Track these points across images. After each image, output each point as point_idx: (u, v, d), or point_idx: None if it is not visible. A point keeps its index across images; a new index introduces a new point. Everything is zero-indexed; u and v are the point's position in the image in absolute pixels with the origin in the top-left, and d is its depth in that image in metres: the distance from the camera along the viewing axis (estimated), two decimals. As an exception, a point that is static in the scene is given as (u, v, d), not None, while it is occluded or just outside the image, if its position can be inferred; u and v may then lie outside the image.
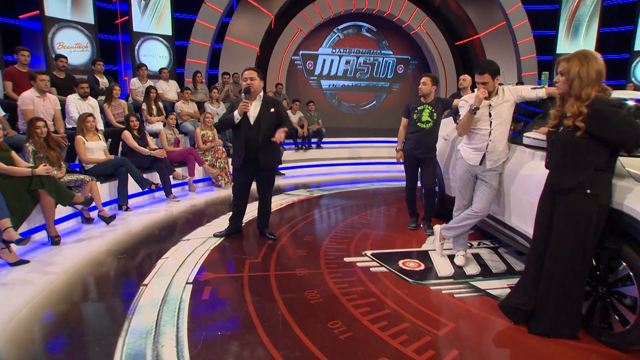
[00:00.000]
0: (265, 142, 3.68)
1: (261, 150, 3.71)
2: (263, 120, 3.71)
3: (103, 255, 3.64)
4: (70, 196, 4.01)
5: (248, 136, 3.69)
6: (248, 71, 3.71)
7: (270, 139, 3.63)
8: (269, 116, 3.74)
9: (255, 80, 3.66)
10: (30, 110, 4.87)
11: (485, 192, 3.29)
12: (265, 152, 3.74)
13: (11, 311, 2.67)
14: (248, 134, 3.70)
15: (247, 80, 3.66)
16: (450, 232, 3.51)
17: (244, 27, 10.33)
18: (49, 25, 7.41)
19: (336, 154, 9.23)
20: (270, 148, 3.76)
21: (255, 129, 3.70)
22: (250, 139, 3.70)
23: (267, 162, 3.80)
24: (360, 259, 3.59)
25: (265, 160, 3.76)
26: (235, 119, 3.66)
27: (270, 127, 3.71)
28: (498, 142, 3.23)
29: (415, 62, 12.90)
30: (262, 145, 3.69)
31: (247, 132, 3.70)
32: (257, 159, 3.74)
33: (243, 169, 3.83)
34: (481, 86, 3.15)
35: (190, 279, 3.15)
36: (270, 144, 3.70)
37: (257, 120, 3.71)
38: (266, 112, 3.72)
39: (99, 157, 5.04)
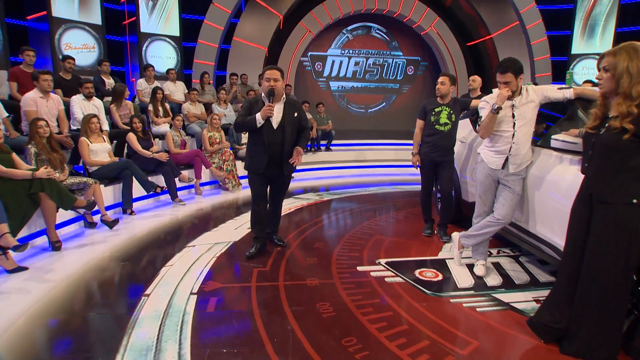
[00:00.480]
0: (289, 148, 3.46)
1: (285, 156, 3.46)
2: (287, 125, 3.44)
3: (105, 262, 3.49)
4: (72, 200, 3.88)
5: (271, 142, 3.40)
6: (271, 71, 3.36)
7: (292, 145, 3.48)
8: (293, 121, 3.48)
9: (279, 81, 3.36)
10: (33, 111, 4.76)
11: (508, 198, 3.09)
12: (288, 159, 3.49)
13: (6, 321, 2.52)
14: (271, 139, 3.41)
15: (271, 81, 3.33)
16: (470, 240, 3.30)
17: (252, 27, 10.20)
18: (56, 26, 7.33)
19: (346, 157, 9.05)
20: (291, 152, 3.53)
21: (279, 134, 3.42)
22: (273, 145, 3.41)
23: (289, 169, 3.57)
24: (374, 267, 3.40)
25: (287, 167, 3.52)
26: (257, 122, 3.35)
27: (293, 132, 3.50)
28: (522, 144, 3.03)
29: (426, 64, 12.68)
30: (287, 151, 3.45)
31: (269, 137, 3.40)
32: (278, 165, 3.49)
33: (263, 175, 3.54)
34: (503, 86, 2.95)
35: (195, 289, 2.98)
36: (292, 149, 3.50)
37: (281, 125, 3.43)
38: (290, 116, 3.45)
39: (104, 159, 4.91)
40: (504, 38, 10.99)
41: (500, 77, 2.97)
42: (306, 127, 3.62)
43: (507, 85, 2.94)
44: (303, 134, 3.60)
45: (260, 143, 3.42)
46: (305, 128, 3.60)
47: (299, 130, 3.57)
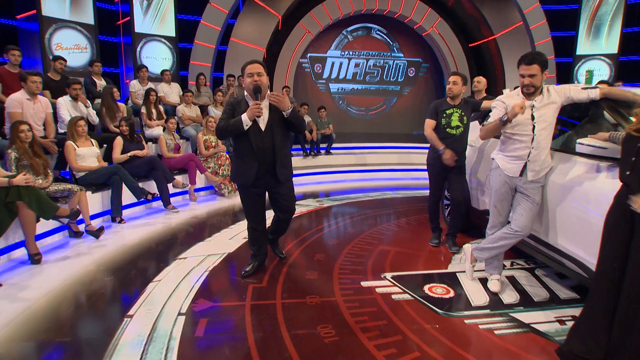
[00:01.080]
0: (281, 150, 3.05)
1: (278, 161, 3.03)
2: (276, 124, 3.01)
3: (87, 278, 3.22)
4: (53, 209, 3.60)
5: (259, 147, 2.98)
6: (252, 65, 2.94)
7: (284, 147, 3.09)
8: (283, 119, 3.04)
9: (263, 75, 2.93)
10: (18, 113, 4.49)
11: (527, 207, 2.82)
12: (282, 163, 3.07)
13: (-31, 350, 2.25)
14: (259, 143, 2.98)
15: (254, 76, 2.91)
16: (484, 254, 3.04)
17: (250, 28, 9.96)
18: (46, 26, 7.07)
19: (346, 160, 8.78)
20: (286, 155, 3.15)
21: (268, 136, 2.99)
22: (262, 150, 2.98)
23: (285, 175, 3.12)
24: (379, 283, 3.13)
25: (282, 172, 3.07)
26: (244, 124, 2.90)
27: (283, 131, 3.07)
28: (542, 149, 2.77)
29: (427, 65, 12.44)
30: (279, 155, 3.03)
31: (257, 141, 2.97)
32: (272, 173, 3.06)
33: (255, 186, 3.10)
34: (527, 79, 2.68)
35: (184, 309, 2.71)
36: (285, 152, 3.12)
37: (269, 126, 3.01)
38: (277, 113, 3.02)
39: (91, 164, 4.64)
40: (508, 39, 10.76)
41: (524, 68, 2.70)
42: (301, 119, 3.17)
43: (532, 80, 2.68)
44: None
45: (247, 149, 2.99)
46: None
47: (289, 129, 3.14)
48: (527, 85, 2.72)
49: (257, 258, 3.33)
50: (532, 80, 2.70)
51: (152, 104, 6.40)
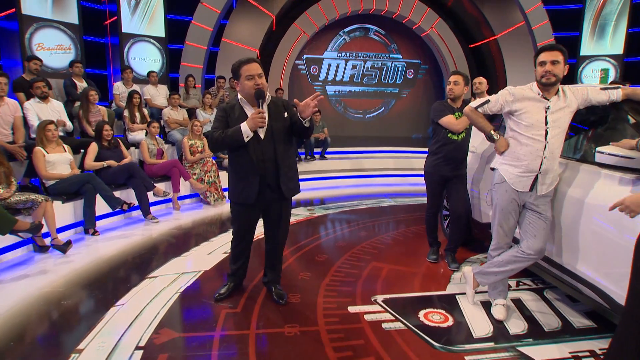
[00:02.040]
0: (285, 161, 2.62)
1: (282, 173, 2.61)
2: (277, 131, 2.58)
3: (39, 302, 2.87)
4: (10, 222, 3.27)
5: (260, 158, 2.55)
6: (252, 65, 2.50)
7: (288, 156, 2.64)
8: (284, 124, 2.62)
9: (263, 77, 2.54)
10: (-19, 117, 4.17)
11: (540, 227, 2.47)
12: (287, 175, 2.64)
13: None
14: (259, 155, 2.55)
15: (255, 78, 2.47)
16: (489, 278, 2.68)
17: (242, 28, 9.64)
18: (26, 25, 6.74)
19: (341, 165, 8.44)
20: (291, 166, 2.68)
21: (269, 146, 2.57)
22: (263, 162, 2.56)
23: (291, 189, 2.68)
24: (368, 308, 2.78)
25: (287, 186, 2.64)
26: (244, 136, 2.48)
27: (286, 139, 2.63)
28: (554, 159, 2.44)
29: (427, 67, 12.12)
30: (282, 167, 2.60)
31: (257, 152, 2.55)
32: (274, 187, 2.63)
33: (256, 205, 2.68)
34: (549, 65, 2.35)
35: (144, 341, 2.36)
36: (289, 162, 2.66)
37: (269, 133, 2.57)
38: (278, 120, 2.60)
39: (63, 171, 4.31)
40: (509, 39, 10.43)
41: (546, 54, 2.37)
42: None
43: (554, 67, 2.34)
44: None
45: (245, 163, 2.57)
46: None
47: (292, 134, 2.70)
48: (548, 73, 2.36)
49: (234, 278, 2.98)
50: (554, 68, 2.35)
51: (135, 106, 6.07)
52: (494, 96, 2.65)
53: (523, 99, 2.49)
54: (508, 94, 2.55)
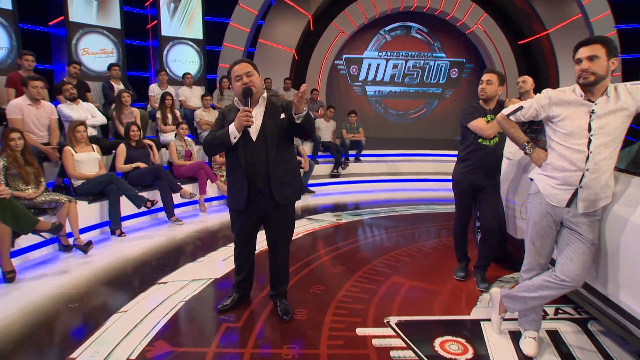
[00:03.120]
0: (279, 165, 2.47)
1: (274, 178, 2.45)
2: (271, 132, 2.44)
3: (49, 304, 2.88)
4: (32, 223, 3.34)
5: (250, 161, 2.43)
6: (240, 65, 2.41)
7: (283, 161, 2.48)
8: (279, 125, 2.46)
9: (254, 75, 2.41)
10: (18, 119, 4.34)
11: (579, 250, 2.11)
12: (281, 181, 2.47)
13: None
14: (250, 157, 2.42)
15: (243, 77, 2.38)
16: (517, 304, 2.34)
17: (279, 28, 9.60)
18: (73, 31, 7.08)
19: (376, 169, 8.15)
20: (287, 171, 2.52)
21: (261, 147, 2.43)
22: (254, 165, 2.43)
23: (286, 196, 2.50)
24: (379, 331, 2.53)
25: (281, 192, 2.48)
26: (231, 137, 2.38)
27: (281, 141, 2.48)
28: (601, 173, 2.06)
29: (472, 66, 11.49)
30: (275, 171, 2.45)
31: (248, 155, 2.42)
32: (266, 193, 2.47)
33: (248, 211, 2.54)
34: (585, 61, 2.01)
35: (136, 353, 2.27)
36: (285, 167, 2.51)
37: (262, 134, 2.45)
38: (273, 121, 2.46)
39: (91, 170, 4.40)
40: (563, 34, 9.60)
41: (582, 50, 2.04)
42: None
43: (592, 64, 1.99)
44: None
45: (235, 166, 2.47)
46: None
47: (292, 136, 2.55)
48: (585, 72, 2.01)
49: (239, 290, 2.84)
50: (592, 65, 1.99)
51: (167, 108, 6.17)
52: (528, 101, 2.32)
53: (562, 103, 2.14)
54: (544, 98, 2.21)
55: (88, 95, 5.98)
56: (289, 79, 8.89)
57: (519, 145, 2.37)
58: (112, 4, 7.55)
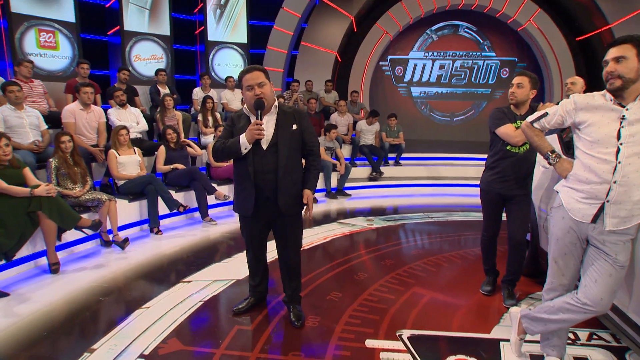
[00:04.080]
0: (287, 175, 2.47)
1: (282, 187, 2.47)
2: (282, 143, 2.45)
3: (83, 295, 3.10)
4: (74, 219, 3.61)
5: (258, 169, 2.44)
6: (251, 74, 2.38)
7: (292, 171, 2.49)
8: (290, 136, 2.48)
9: (266, 85, 2.40)
10: (71, 123, 4.72)
11: (605, 271, 1.93)
12: (288, 190, 2.49)
13: None
14: (258, 165, 2.44)
15: (254, 88, 2.37)
16: (537, 327, 2.18)
17: (321, 31, 9.64)
18: (127, 39, 7.59)
19: (416, 172, 7.92)
20: (295, 181, 2.53)
21: (270, 157, 2.44)
22: (262, 173, 2.44)
23: (290, 207, 2.52)
24: (389, 344, 2.46)
25: (286, 203, 2.49)
26: (242, 147, 2.41)
27: (292, 152, 2.49)
28: (632, 186, 1.86)
29: (524, 65, 10.84)
30: (283, 180, 2.46)
31: (257, 163, 2.44)
32: (273, 202, 2.50)
33: (255, 217, 2.58)
34: (612, 63, 1.84)
35: (149, 350, 2.38)
36: (293, 177, 2.52)
37: (273, 144, 2.45)
38: (285, 129, 2.47)
39: (132, 172, 4.68)
40: (628, 28, 8.74)
41: (610, 51, 1.87)
42: (312, 148, 2.57)
43: (618, 66, 1.82)
44: (310, 164, 2.58)
45: (244, 173, 2.48)
46: (311, 151, 2.57)
47: (303, 152, 2.58)
48: (611, 75, 1.84)
49: (255, 294, 2.89)
50: (619, 67, 1.82)
51: (208, 111, 6.41)
52: (554, 107, 2.15)
53: (590, 108, 1.96)
54: (570, 103, 2.04)
55: (136, 99, 6.37)
56: (330, 81, 8.90)
57: (542, 155, 2.20)
58: (163, 12, 7.99)
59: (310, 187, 2.55)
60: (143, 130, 5.57)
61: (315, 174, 2.59)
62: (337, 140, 7.20)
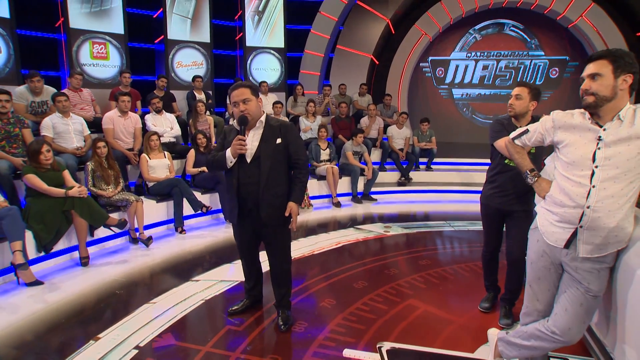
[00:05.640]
0: (269, 189, 2.59)
1: (262, 200, 2.58)
2: (264, 156, 2.57)
3: (103, 288, 3.45)
4: (103, 218, 4.00)
5: (242, 182, 2.59)
6: (238, 90, 2.53)
7: (275, 184, 2.60)
8: (274, 150, 2.59)
9: (251, 101, 2.53)
10: (110, 129, 5.18)
11: (575, 300, 1.86)
12: (270, 203, 2.60)
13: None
14: (243, 178, 2.59)
15: (239, 104, 2.52)
16: (512, 351, 2.14)
17: (357, 34, 9.66)
18: (170, 47, 8.11)
19: (447, 178, 7.73)
20: (278, 194, 2.62)
21: (253, 170, 2.58)
22: (245, 185, 2.59)
23: (272, 217, 2.63)
24: (366, 355, 2.51)
25: (269, 214, 2.61)
26: (227, 161, 2.59)
27: (275, 165, 2.60)
28: (607, 213, 1.77)
29: (576, 64, 10.14)
30: (264, 194, 2.58)
31: (241, 175, 2.59)
32: (256, 213, 2.63)
33: (242, 224, 2.75)
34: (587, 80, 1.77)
35: (145, 342, 2.63)
36: (276, 190, 2.62)
37: (256, 158, 2.59)
38: (269, 143, 2.59)
39: (161, 175, 5.05)
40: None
41: (589, 67, 1.79)
42: (298, 161, 2.66)
43: (593, 83, 1.74)
44: (296, 177, 2.67)
45: (229, 184, 2.66)
46: (296, 164, 2.66)
47: (289, 164, 2.70)
48: (585, 93, 1.77)
49: (249, 297, 3.06)
50: (593, 85, 1.74)
51: (239, 116, 6.69)
52: (535, 124, 2.10)
53: (567, 127, 1.89)
54: (549, 120, 1.98)
55: (174, 105, 6.81)
56: (365, 85, 8.91)
57: (522, 173, 2.15)
58: (204, 20, 8.43)
59: (294, 199, 2.65)
60: (176, 135, 5.95)
61: (301, 187, 2.69)
62: (366, 145, 7.22)
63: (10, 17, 6.00)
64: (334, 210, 6.26)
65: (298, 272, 3.76)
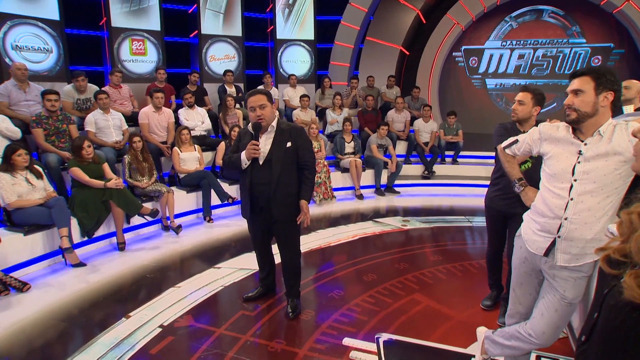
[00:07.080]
0: (279, 189, 2.82)
1: (273, 200, 2.82)
2: (275, 159, 2.80)
3: (135, 271, 3.85)
4: (137, 207, 4.40)
5: (255, 182, 2.83)
6: (254, 97, 2.75)
7: (285, 185, 2.83)
8: (284, 153, 2.82)
9: (267, 107, 2.76)
10: (145, 124, 5.59)
11: (552, 306, 1.96)
12: (281, 202, 2.83)
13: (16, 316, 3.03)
14: (255, 179, 2.83)
15: (256, 109, 2.74)
16: (495, 350, 2.27)
17: (386, 25, 9.61)
18: (203, 42, 8.45)
19: (473, 172, 7.64)
20: (288, 194, 2.86)
21: (265, 172, 2.81)
22: (257, 185, 2.83)
23: (283, 214, 2.88)
24: (364, 345, 2.72)
25: (279, 212, 2.86)
26: (242, 163, 2.84)
27: (286, 167, 2.83)
28: (584, 225, 1.85)
29: (622, 51, 9.59)
30: (275, 194, 2.81)
31: (254, 176, 2.83)
32: (268, 211, 2.88)
33: (254, 221, 3.03)
34: (571, 96, 1.84)
35: (168, 322, 2.97)
36: (287, 190, 2.86)
37: (268, 160, 2.82)
38: (280, 148, 2.81)
39: (191, 167, 5.42)
40: None
41: (573, 82, 1.86)
42: (306, 163, 2.88)
43: (576, 99, 1.81)
44: (305, 177, 2.89)
45: (243, 183, 2.91)
46: (305, 165, 2.89)
47: (298, 166, 2.91)
48: (568, 108, 1.85)
49: (263, 285, 3.34)
50: (575, 101, 1.81)
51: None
52: (523, 135, 2.19)
53: (552, 140, 1.98)
54: (536, 132, 2.07)
55: (206, 98, 7.17)
56: (393, 77, 8.90)
57: (510, 182, 2.26)
58: (236, 14, 8.70)
59: (304, 197, 2.90)
60: (207, 128, 6.30)
61: (310, 186, 2.92)
62: (391, 137, 7.30)
63: (59, 19, 6.51)
64: (357, 202, 6.44)
65: (312, 264, 4.01)
